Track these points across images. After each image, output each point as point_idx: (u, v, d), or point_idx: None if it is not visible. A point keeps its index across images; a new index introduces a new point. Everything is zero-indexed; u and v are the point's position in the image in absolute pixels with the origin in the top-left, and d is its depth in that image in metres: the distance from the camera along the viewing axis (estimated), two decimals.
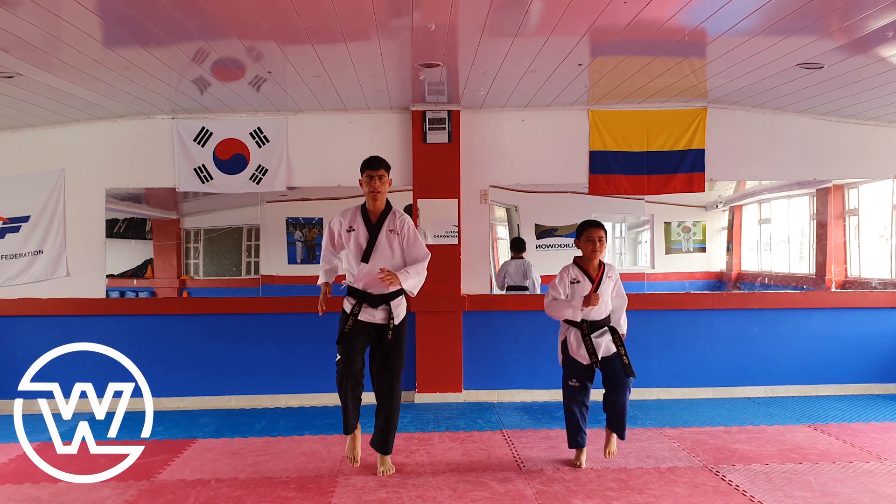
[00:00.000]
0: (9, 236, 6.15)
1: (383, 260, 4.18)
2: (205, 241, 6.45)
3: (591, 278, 4.30)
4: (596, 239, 4.27)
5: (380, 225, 4.22)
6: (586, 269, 4.33)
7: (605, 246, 4.33)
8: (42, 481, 4.09)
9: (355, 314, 4.19)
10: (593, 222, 4.35)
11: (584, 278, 4.30)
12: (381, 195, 4.23)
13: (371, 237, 4.21)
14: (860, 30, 4.02)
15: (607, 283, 4.32)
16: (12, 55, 4.22)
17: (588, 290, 4.27)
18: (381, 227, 4.22)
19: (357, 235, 4.23)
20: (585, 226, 4.34)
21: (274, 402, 6.14)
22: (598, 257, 4.32)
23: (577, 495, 3.88)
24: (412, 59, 4.70)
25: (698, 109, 6.24)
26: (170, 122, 6.14)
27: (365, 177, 4.23)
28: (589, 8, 3.75)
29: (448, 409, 5.89)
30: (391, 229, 4.22)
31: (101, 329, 5.87)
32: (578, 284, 4.30)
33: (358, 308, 4.19)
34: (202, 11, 3.71)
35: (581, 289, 4.29)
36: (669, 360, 6.22)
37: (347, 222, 4.28)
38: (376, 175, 4.19)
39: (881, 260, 6.55)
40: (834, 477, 4.12)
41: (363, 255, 4.20)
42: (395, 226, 4.22)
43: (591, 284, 4.27)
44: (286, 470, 4.39)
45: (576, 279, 4.32)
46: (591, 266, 4.33)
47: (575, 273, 4.34)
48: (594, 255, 4.29)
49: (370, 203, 4.26)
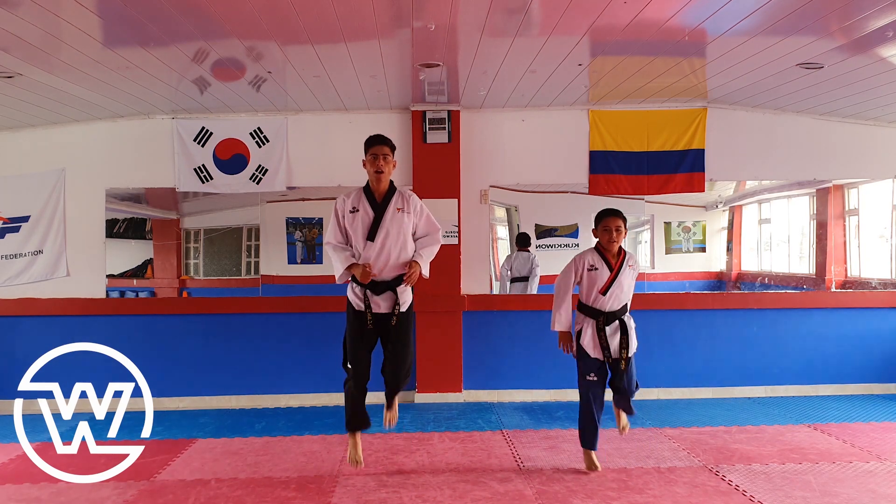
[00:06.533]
0: (9, 236, 6.15)
1: (389, 238, 4.01)
2: (205, 241, 6.45)
3: (610, 266, 4.19)
4: (613, 228, 4.15)
5: (385, 203, 4.05)
6: (605, 256, 4.21)
7: (623, 236, 4.19)
8: (42, 481, 4.08)
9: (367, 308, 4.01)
10: (612, 210, 4.23)
11: (603, 265, 4.18)
12: (384, 175, 4.02)
13: (377, 215, 4.03)
14: (860, 30, 4.02)
15: (627, 272, 4.20)
16: (12, 55, 4.22)
17: (606, 277, 4.15)
18: (387, 206, 4.04)
19: (362, 216, 4.04)
20: (603, 214, 4.22)
21: (274, 402, 6.14)
22: (616, 247, 4.20)
23: (577, 495, 3.88)
24: (412, 59, 4.70)
25: (698, 109, 6.24)
26: (170, 122, 6.14)
27: (369, 156, 4.05)
28: (589, 8, 3.75)
29: (448, 409, 5.89)
30: (399, 208, 4.04)
31: (101, 329, 5.87)
32: (596, 272, 4.18)
33: (365, 300, 4.02)
34: (202, 11, 3.70)
35: (598, 276, 4.17)
36: (669, 360, 6.21)
37: (351, 203, 4.08)
38: (381, 154, 4.02)
39: (881, 260, 6.55)
40: (834, 477, 4.12)
41: (369, 233, 4.01)
42: (402, 204, 4.06)
43: (610, 273, 4.16)
44: (286, 470, 4.39)
45: (593, 266, 4.19)
46: (611, 253, 4.21)
47: (593, 259, 4.21)
48: (612, 244, 4.18)
49: (374, 183, 4.06)
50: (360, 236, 4.05)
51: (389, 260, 4.02)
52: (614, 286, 4.16)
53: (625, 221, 4.21)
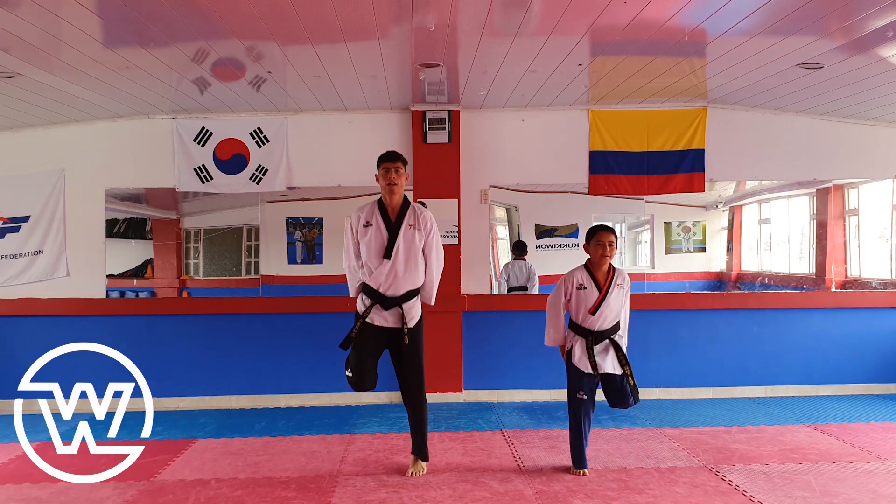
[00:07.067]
0: (9, 236, 6.15)
1: (400, 255, 4.07)
2: (205, 241, 6.45)
3: (598, 285, 4.16)
4: (606, 244, 4.13)
5: (400, 219, 4.12)
6: (594, 275, 4.19)
7: (616, 251, 4.19)
8: (42, 481, 4.08)
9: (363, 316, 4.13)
10: (603, 226, 4.22)
11: (592, 284, 4.16)
12: (397, 188, 4.11)
13: (392, 233, 4.09)
14: (860, 30, 4.02)
15: (616, 292, 4.16)
16: (12, 55, 4.22)
17: (595, 297, 4.13)
18: (401, 222, 4.11)
19: (375, 232, 4.11)
20: (595, 230, 4.21)
21: (274, 402, 6.14)
22: (607, 262, 4.18)
23: (577, 495, 3.88)
24: (412, 59, 4.70)
25: (698, 109, 6.24)
26: (170, 122, 6.14)
27: (381, 170, 4.13)
28: (589, 8, 3.75)
29: (448, 409, 5.89)
30: (410, 224, 4.11)
31: (101, 329, 5.87)
32: (584, 291, 4.16)
33: (370, 310, 4.12)
34: (202, 11, 3.70)
35: (587, 296, 4.15)
36: (669, 360, 6.21)
37: (364, 217, 4.16)
38: (393, 167, 4.10)
39: (881, 260, 6.55)
40: (834, 477, 4.12)
41: (385, 251, 4.08)
42: (414, 220, 4.12)
43: (598, 292, 4.14)
44: (286, 470, 4.39)
45: (582, 285, 4.18)
46: (600, 271, 4.19)
47: (582, 278, 4.19)
48: (603, 259, 4.15)
49: (387, 197, 4.16)
50: (373, 253, 4.12)
51: (399, 277, 4.10)
52: (603, 306, 4.13)
53: (617, 238, 4.21)
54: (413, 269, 4.13)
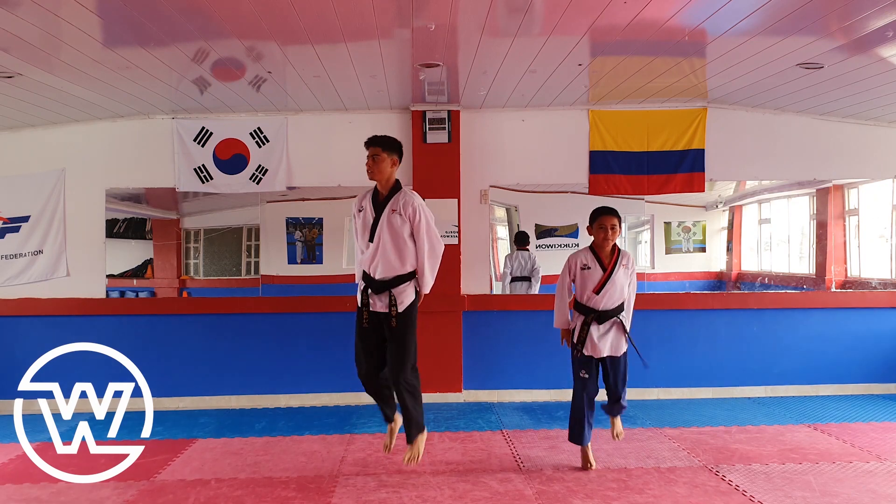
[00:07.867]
0: (9, 236, 6.15)
1: (383, 239, 4.08)
2: (205, 241, 6.45)
3: (602, 265, 4.23)
4: (608, 227, 4.20)
5: (385, 204, 4.14)
6: (599, 255, 4.26)
7: (619, 234, 4.25)
8: (42, 481, 4.08)
9: (366, 304, 4.14)
10: (607, 209, 4.27)
11: (596, 265, 4.23)
12: (375, 174, 4.13)
13: (376, 216, 4.13)
14: (860, 30, 4.02)
15: (621, 271, 4.23)
16: (12, 55, 4.22)
17: (599, 277, 4.20)
18: (385, 206, 4.13)
19: (365, 215, 4.19)
20: (598, 213, 4.26)
21: (274, 402, 6.14)
22: (610, 244, 4.24)
23: (577, 495, 3.88)
24: (412, 59, 4.70)
25: (698, 109, 6.24)
26: (170, 122, 6.14)
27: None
28: (589, 8, 3.75)
29: (448, 409, 5.89)
30: (394, 209, 4.10)
31: (101, 329, 5.87)
32: (589, 271, 4.23)
33: (366, 296, 4.14)
34: (202, 12, 3.70)
35: (591, 275, 4.22)
36: (669, 360, 6.21)
37: (359, 202, 4.26)
38: (370, 153, 4.14)
39: (881, 260, 6.55)
40: (834, 477, 4.12)
41: (370, 235, 4.13)
42: (398, 206, 4.10)
43: (603, 272, 4.21)
44: (286, 470, 4.39)
45: (586, 265, 4.25)
46: (604, 252, 4.25)
47: (587, 258, 4.26)
48: (606, 242, 4.22)
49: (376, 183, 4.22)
50: (361, 237, 4.21)
51: (383, 260, 4.10)
52: (608, 285, 4.20)
53: (620, 220, 4.25)
54: (399, 254, 4.09)
